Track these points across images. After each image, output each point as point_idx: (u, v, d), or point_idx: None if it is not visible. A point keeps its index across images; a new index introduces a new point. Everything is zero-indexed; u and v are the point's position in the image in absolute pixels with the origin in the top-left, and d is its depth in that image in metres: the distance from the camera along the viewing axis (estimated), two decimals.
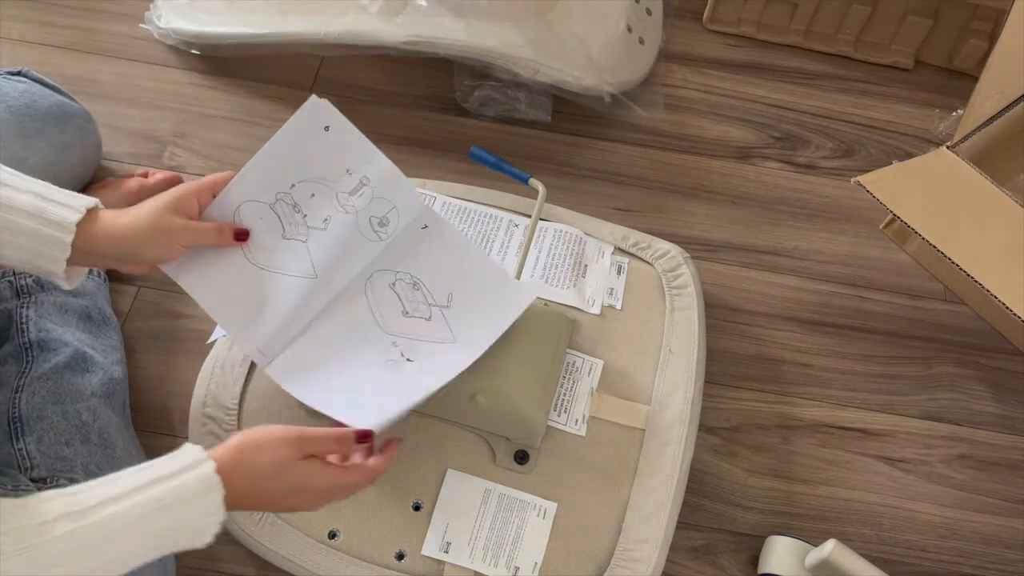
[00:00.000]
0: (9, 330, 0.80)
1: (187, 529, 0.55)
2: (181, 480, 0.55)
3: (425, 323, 0.75)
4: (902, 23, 1.18)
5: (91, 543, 0.51)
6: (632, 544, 0.76)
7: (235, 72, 1.13)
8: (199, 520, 0.55)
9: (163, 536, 0.54)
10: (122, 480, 0.54)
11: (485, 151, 0.93)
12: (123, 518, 0.52)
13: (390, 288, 0.75)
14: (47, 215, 0.63)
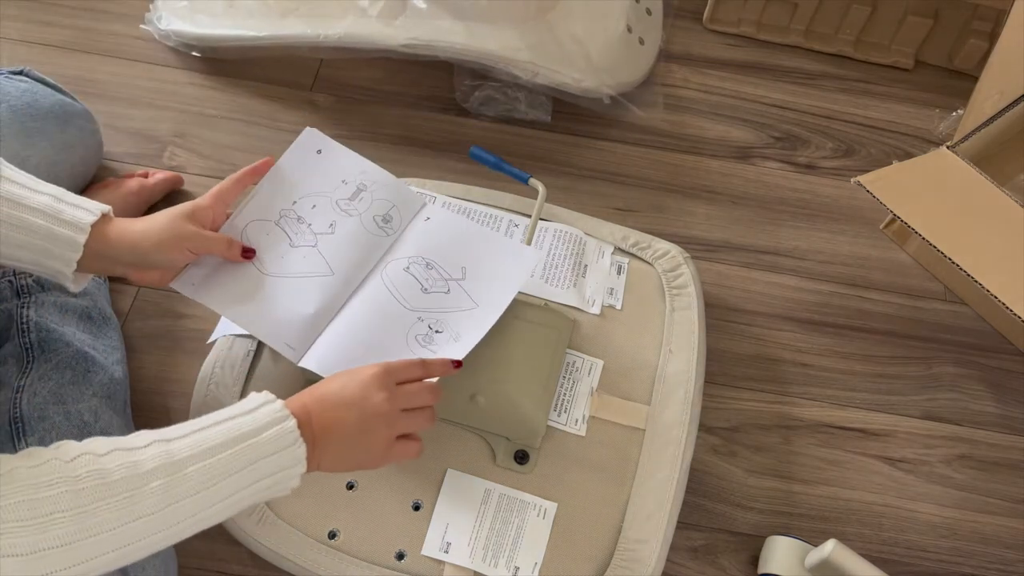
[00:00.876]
0: (10, 330, 0.80)
1: (273, 479, 0.57)
2: (254, 415, 0.57)
3: (445, 296, 0.77)
4: (902, 23, 1.18)
5: (180, 495, 0.52)
6: (632, 544, 0.76)
7: (235, 72, 1.13)
8: (282, 472, 0.57)
9: (249, 488, 0.56)
10: (211, 432, 0.55)
11: (485, 151, 0.93)
12: (209, 472, 0.54)
13: (405, 272, 0.77)
14: (62, 215, 0.65)
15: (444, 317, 0.75)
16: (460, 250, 0.79)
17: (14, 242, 0.64)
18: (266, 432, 0.57)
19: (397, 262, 0.78)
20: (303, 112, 1.11)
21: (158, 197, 1.00)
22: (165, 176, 1.01)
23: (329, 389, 0.62)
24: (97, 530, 0.49)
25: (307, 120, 1.10)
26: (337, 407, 0.61)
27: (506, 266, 0.78)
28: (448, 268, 0.78)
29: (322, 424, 0.60)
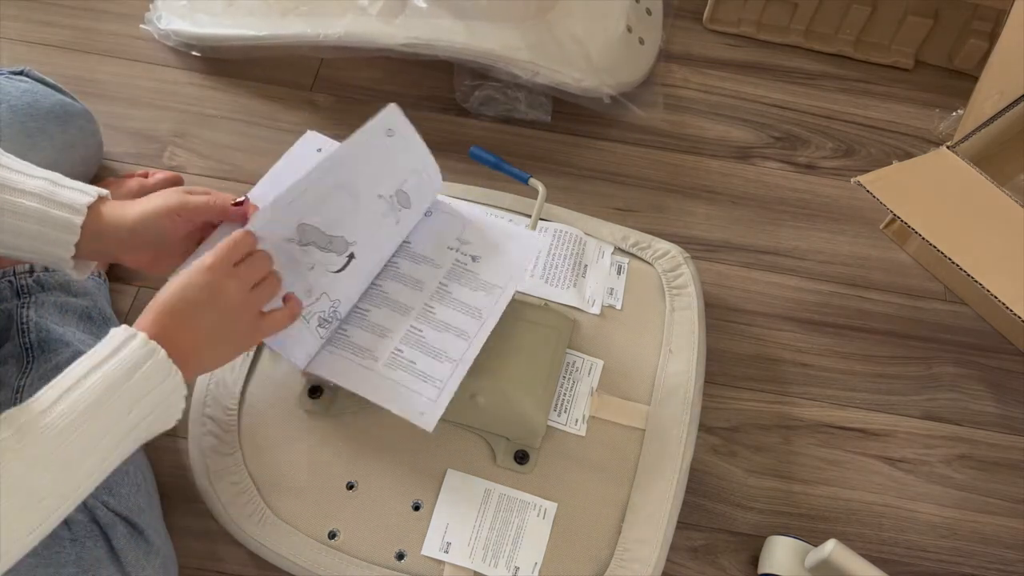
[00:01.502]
0: (9, 330, 0.80)
1: (150, 401, 0.57)
2: (120, 356, 0.56)
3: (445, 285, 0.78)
4: (902, 23, 1.18)
5: (63, 432, 0.53)
6: (632, 544, 0.76)
7: (235, 72, 1.13)
8: (157, 388, 0.57)
9: (131, 412, 0.56)
10: (67, 376, 0.56)
11: (485, 151, 0.93)
12: (81, 403, 0.54)
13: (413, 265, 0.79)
14: (58, 198, 0.64)
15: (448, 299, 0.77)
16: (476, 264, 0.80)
17: (10, 228, 0.64)
18: (139, 372, 0.56)
19: (405, 283, 0.79)
20: (303, 112, 1.11)
21: None
22: (165, 176, 1.01)
23: (177, 298, 0.60)
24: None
25: (307, 120, 1.10)
26: (194, 315, 0.60)
27: (511, 258, 0.80)
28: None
29: (186, 338, 0.59)
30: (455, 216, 0.83)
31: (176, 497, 0.81)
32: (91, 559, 0.67)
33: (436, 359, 0.73)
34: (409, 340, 0.75)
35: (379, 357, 0.74)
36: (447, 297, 0.77)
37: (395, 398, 0.71)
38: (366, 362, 0.74)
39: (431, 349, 0.74)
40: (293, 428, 0.80)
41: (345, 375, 0.73)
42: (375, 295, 0.78)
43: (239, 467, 0.78)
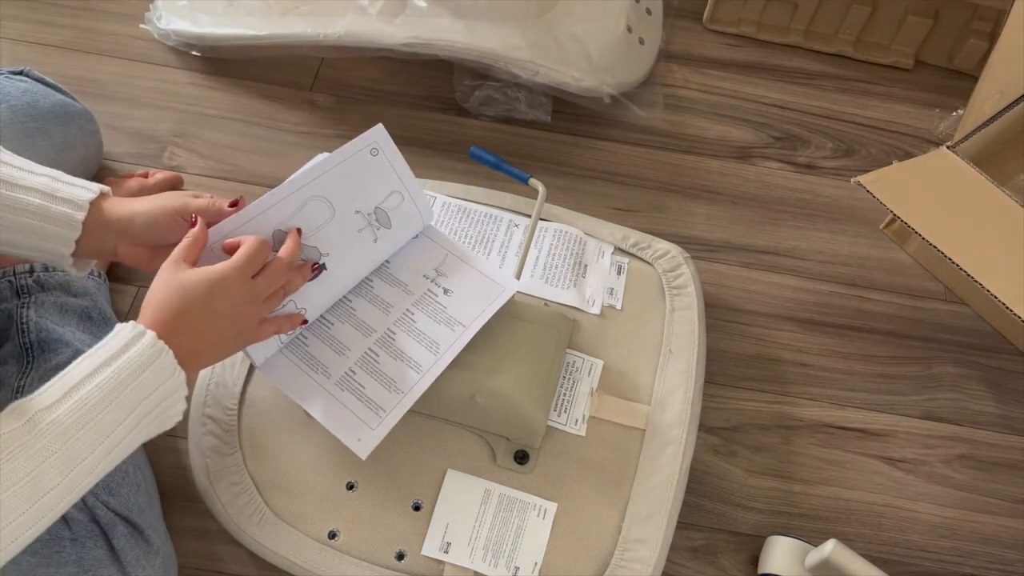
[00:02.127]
0: (9, 330, 0.80)
1: (156, 397, 0.57)
2: (129, 355, 0.56)
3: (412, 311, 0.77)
4: (902, 23, 1.18)
5: (71, 428, 0.53)
6: (632, 544, 0.76)
7: (235, 72, 1.13)
8: (162, 388, 0.57)
9: (135, 410, 0.56)
10: (75, 370, 0.56)
11: (485, 151, 0.93)
12: (90, 400, 0.54)
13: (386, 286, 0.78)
14: (60, 194, 0.64)
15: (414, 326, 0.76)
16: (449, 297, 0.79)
17: (11, 224, 0.64)
18: (147, 371, 0.57)
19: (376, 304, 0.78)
20: (303, 112, 1.11)
21: None
22: (165, 176, 1.01)
23: (186, 299, 0.60)
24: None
25: (307, 120, 1.10)
26: (203, 320, 0.61)
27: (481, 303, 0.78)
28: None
29: (191, 340, 0.60)
30: (438, 246, 0.81)
31: (176, 497, 0.81)
32: (91, 559, 0.67)
33: (385, 387, 0.72)
34: (364, 363, 0.74)
35: (331, 374, 0.73)
36: (410, 325, 0.76)
37: (337, 419, 0.71)
38: (318, 376, 0.73)
39: (383, 376, 0.73)
40: (293, 428, 0.80)
41: (295, 386, 0.72)
42: (343, 310, 0.76)
43: (239, 467, 0.78)
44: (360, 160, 0.75)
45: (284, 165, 1.05)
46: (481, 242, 0.92)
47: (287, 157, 1.06)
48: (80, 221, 0.64)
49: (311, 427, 0.80)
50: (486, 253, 0.91)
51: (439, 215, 0.94)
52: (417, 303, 0.78)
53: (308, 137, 1.08)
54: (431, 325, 0.76)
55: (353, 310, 0.77)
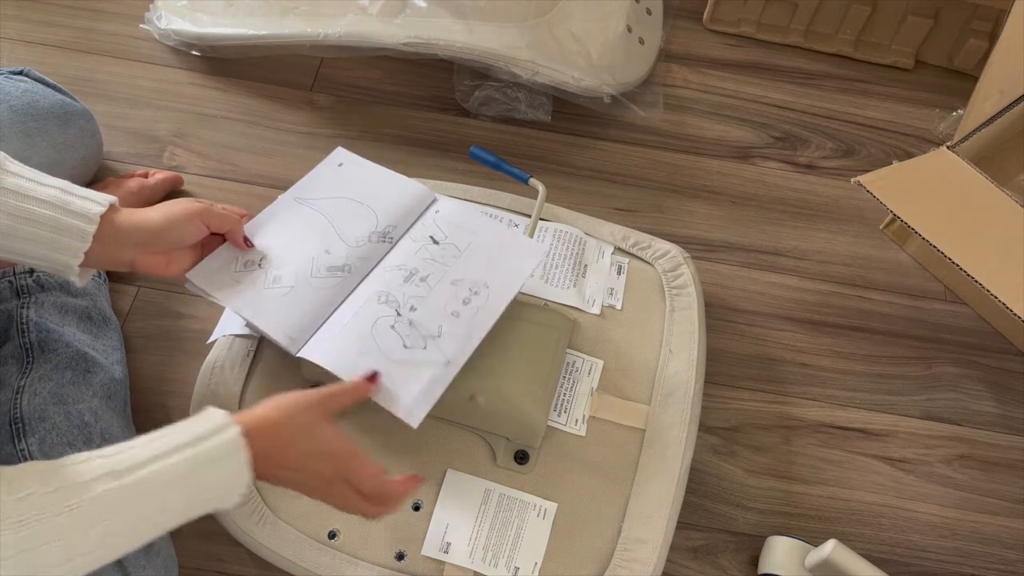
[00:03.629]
0: (9, 331, 0.80)
1: (216, 491, 0.57)
2: (210, 443, 0.56)
3: (441, 304, 0.77)
4: (902, 23, 1.18)
5: (128, 501, 0.53)
6: (632, 544, 0.76)
7: (235, 72, 1.13)
8: (227, 481, 0.57)
9: (195, 497, 0.56)
10: (156, 443, 0.55)
11: (485, 151, 0.93)
12: (158, 479, 0.54)
13: (403, 284, 0.77)
14: (71, 206, 0.65)
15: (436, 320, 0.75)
16: (464, 256, 0.79)
17: (21, 235, 0.64)
18: (216, 464, 0.56)
19: (396, 272, 0.78)
20: (303, 112, 1.11)
21: (158, 197, 1.00)
22: (165, 176, 1.01)
23: (284, 440, 0.61)
24: None
25: (307, 120, 1.10)
26: (291, 474, 0.62)
27: (509, 263, 0.79)
28: (448, 279, 0.78)
29: (274, 456, 0.60)
30: (453, 222, 0.82)
31: None
32: None
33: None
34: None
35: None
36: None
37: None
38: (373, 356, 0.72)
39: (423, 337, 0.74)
40: None
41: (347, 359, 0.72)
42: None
43: None
44: (328, 171, 0.84)
45: (284, 165, 1.05)
46: None
47: (287, 157, 1.06)
48: (91, 234, 0.65)
49: None
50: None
51: None
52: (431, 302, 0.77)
53: (308, 137, 1.08)
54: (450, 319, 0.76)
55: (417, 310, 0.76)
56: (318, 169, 0.84)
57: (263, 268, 0.76)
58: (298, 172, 0.82)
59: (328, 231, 0.79)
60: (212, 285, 0.75)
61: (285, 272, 0.76)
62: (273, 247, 0.78)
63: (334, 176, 0.83)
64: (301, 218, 0.80)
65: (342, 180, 0.83)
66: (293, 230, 0.79)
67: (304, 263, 0.77)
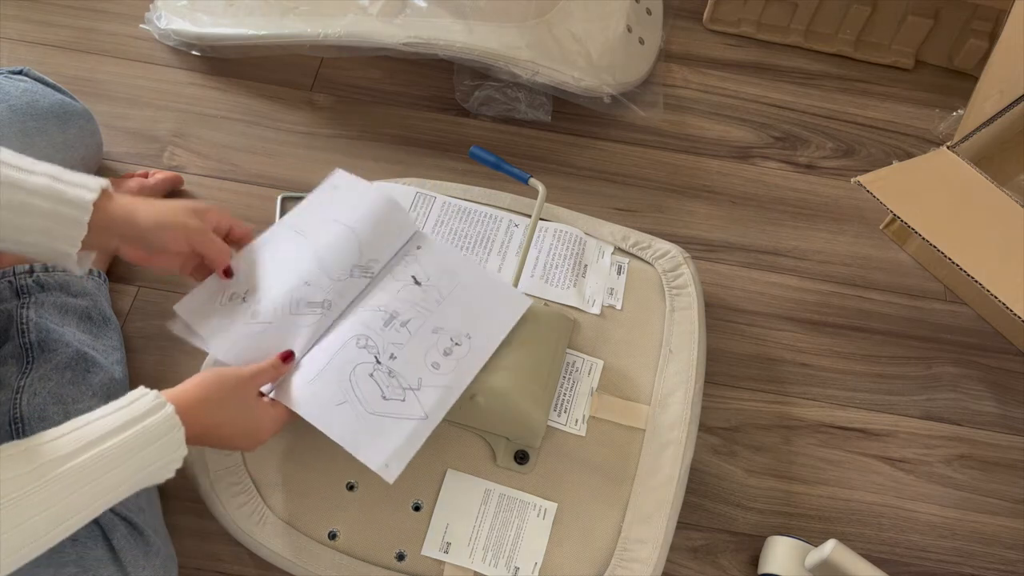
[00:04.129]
0: (9, 330, 0.80)
1: (155, 466, 0.60)
2: (147, 423, 0.59)
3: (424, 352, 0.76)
4: (902, 23, 1.18)
5: (76, 483, 0.55)
6: (632, 544, 0.76)
7: (235, 72, 1.13)
8: (164, 457, 0.60)
9: (136, 473, 0.59)
10: (94, 425, 0.58)
11: (485, 151, 0.93)
12: (100, 460, 0.56)
13: (382, 329, 0.75)
14: (64, 196, 0.65)
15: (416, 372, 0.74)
16: (447, 303, 0.78)
17: (16, 225, 0.64)
18: (155, 444, 0.59)
19: (376, 313, 0.76)
20: (303, 112, 1.11)
21: (158, 197, 1.00)
22: (165, 176, 1.01)
23: (214, 418, 0.65)
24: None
25: (307, 120, 1.10)
26: (219, 434, 0.66)
27: (493, 313, 0.78)
28: (430, 323, 0.76)
29: (203, 422, 0.64)
30: (436, 264, 0.81)
31: (176, 497, 0.81)
32: (91, 559, 0.67)
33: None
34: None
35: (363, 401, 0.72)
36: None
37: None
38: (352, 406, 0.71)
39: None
40: (293, 428, 0.80)
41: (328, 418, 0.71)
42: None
43: (239, 467, 0.78)
44: (324, 196, 0.82)
45: (284, 165, 1.05)
46: (481, 242, 0.92)
47: (287, 157, 1.06)
48: (86, 223, 0.65)
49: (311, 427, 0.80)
50: (486, 253, 0.91)
51: (439, 215, 0.94)
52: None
53: (308, 137, 1.08)
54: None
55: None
56: (314, 193, 0.82)
57: (247, 302, 0.74)
58: (298, 172, 0.82)
59: (311, 261, 0.76)
60: (197, 318, 0.74)
61: (263, 307, 0.74)
62: (259, 278, 0.75)
63: (328, 199, 0.81)
64: (289, 246, 0.78)
65: (334, 203, 0.81)
66: (279, 259, 0.77)
67: (283, 296, 0.74)
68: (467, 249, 0.91)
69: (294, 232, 0.79)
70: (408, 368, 0.73)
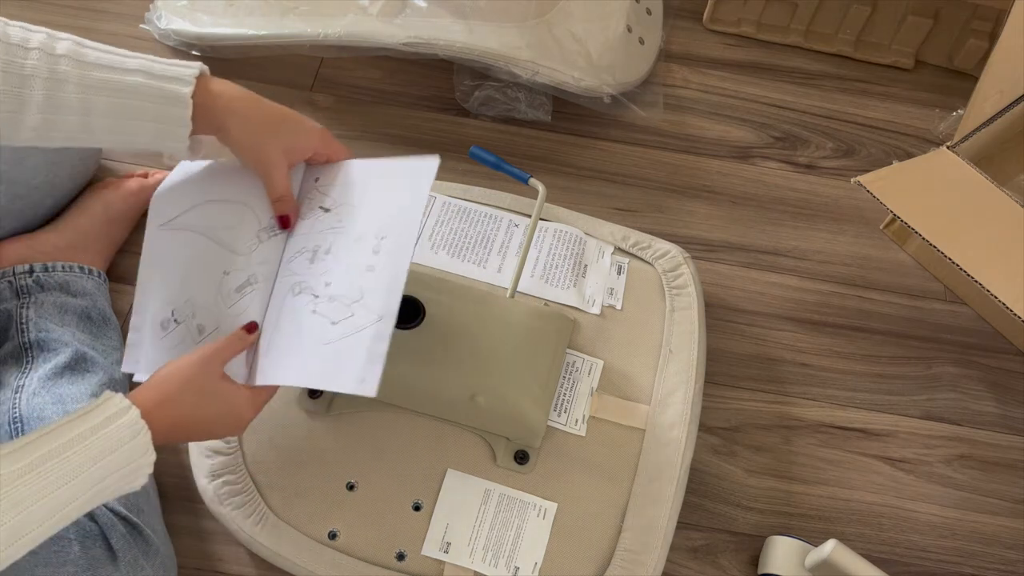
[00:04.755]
0: (9, 330, 0.80)
1: (122, 473, 0.57)
2: (109, 430, 0.57)
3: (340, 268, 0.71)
4: (902, 23, 1.18)
5: (26, 500, 0.53)
6: (632, 544, 0.76)
7: (235, 72, 1.13)
8: (131, 463, 0.58)
9: (103, 481, 0.56)
10: (53, 434, 0.55)
11: (485, 151, 0.93)
12: (59, 470, 0.54)
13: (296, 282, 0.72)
14: (164, 92, 0.66)
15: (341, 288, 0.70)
16: (359, 209, 0.73)
17: (124, 130, 0.66)
18: (119, 450, 0.57)
19: (300, 257, 0.72)
20: (303, 112, 1.09)
21: None
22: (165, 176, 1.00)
23: (182, 412, 0.63)
24: None
25: None
26: (194, 427, 0.64)
27: (405, 191, 0.72)
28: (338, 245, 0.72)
29: (170, 421, 0.62)
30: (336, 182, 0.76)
31: (176, 497, 0.81)
32: (90, 559, 0.67)
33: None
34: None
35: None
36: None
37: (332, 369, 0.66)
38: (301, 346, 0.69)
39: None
40: (293, 428, 0.80)
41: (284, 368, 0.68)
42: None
43: (239, 467, 0.78)
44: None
45: None
46: (481, 242, 0.92)
47: None
48: (187, 128, 0.67)
49: (311, 427, 0.80)
50: (486, 253, 0.91)
51: (439, 215, 0.94)
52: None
53: None
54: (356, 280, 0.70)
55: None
56: (168, 179, 0.77)
57: (181, 323, 0.71)
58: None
59: (215, 250, 0.72)
60: (151, 366, 0.71)
61: (202, 319, 0.71)
62: (180, 292, 0.72)
63: (189, 180, 0.76)
64: (179, 247, 0.73)
65: (201, 181, 0.76)
66: (180, 265, 0.73)
67: (213, 297, 0.71)
68: (467, 249, 0.92)
69: (170, 231, 0.75)
70: (346, 286, 0.69)
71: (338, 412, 0.80)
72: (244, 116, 0.69)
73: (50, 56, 0.63)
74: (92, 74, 0.64)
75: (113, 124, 0.65)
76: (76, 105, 0.64)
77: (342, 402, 0.80)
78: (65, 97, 0.64)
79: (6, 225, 0.86)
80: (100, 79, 0.64)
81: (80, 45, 0.65)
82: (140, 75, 0.65)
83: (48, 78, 0.63)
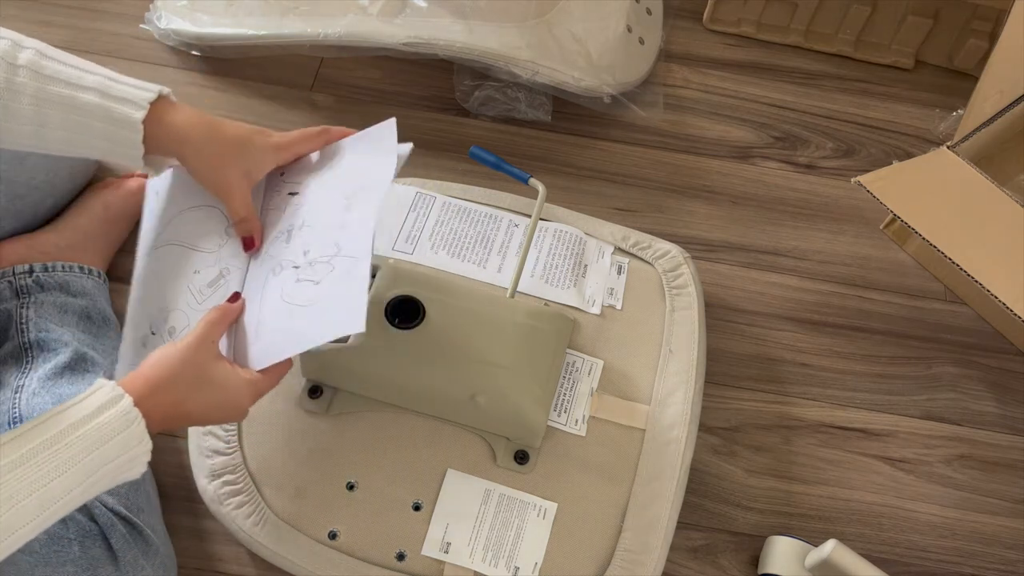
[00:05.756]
0: (9, 330, 0.80)
1: (118, 463, 0.56)
2: (101, 419, 0.56)
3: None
4: (902, 23, 1.18)
5: (16, 495, 0.52)
6: (632, 544, 0.76)
7: (235, 72, 1.13)
8: (125, 453, 0.57)
9: (97, 472, 0.55)
10: (45, 425, 0.54)
11: (485, 151, 0.93)
12: (52, 462, 0.53)
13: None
14: (112, 114, 0.66)
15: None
16: (327, 180, 0.74)
17: (79, 143, 0.66)
18: (112, 440, 0.56)
19: (276, 241, 0.72)
20: (303, 112, 1.10)
21: None
22: None
23: (167, 373, 0.61)
24: None
25: (307, 120, 1.09)
26: (192, 413, 0.62)
27: (373, 154, 0.74)
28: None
29: (166, 408, 0.60)
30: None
31: (176, 497, 0.81)
32: (90, 558, 0.67)
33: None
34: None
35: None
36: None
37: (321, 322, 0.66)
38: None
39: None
40: (293, 428, 0.80)
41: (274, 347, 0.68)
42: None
43: (239, 467, 0.78)
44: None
45: None
46: (481, 242, 0.92)
47: None
48: (140, 143, 0.66)
49: (311, 427, 0.80)
50: (486, 253, 0.91)
51: (439, 215, 0.94)
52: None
53: None
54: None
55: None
56: (146, 208, 0.77)
57: (157, 334, 0.71)
58: None
59: (186, 254, 0.73)
60: None
61: (174, 320, 0.71)
62: (152, 309, 0.72)
63: (161, 203, 0.76)
64: (158, 264, 0.74)
65: (174, 194, 0.76)
66: (158, 280, 0.73)
67: (184, 297, 0.71)
68: (467, 249, 0.91)
69: (158, 249, 0.75)
70: (322, 247, 0.69)
71: (338, 412, 0.80)
72: (199, 145, 0.69)
73: (10, 66, 0.64)
74: (48, 87, 0.65)
75: (66, 137, 0.66)
76: (30, 116, 0.64)
77: (342, 402, 0.80)
78: (20, 108, 0.64)
79: (6, 225, 0.86)
80: (55, 93, 0.65)
81: (42, 56, 0.65)
82: (94, 94, 0.66)
83: (5, 88, 0.63)
